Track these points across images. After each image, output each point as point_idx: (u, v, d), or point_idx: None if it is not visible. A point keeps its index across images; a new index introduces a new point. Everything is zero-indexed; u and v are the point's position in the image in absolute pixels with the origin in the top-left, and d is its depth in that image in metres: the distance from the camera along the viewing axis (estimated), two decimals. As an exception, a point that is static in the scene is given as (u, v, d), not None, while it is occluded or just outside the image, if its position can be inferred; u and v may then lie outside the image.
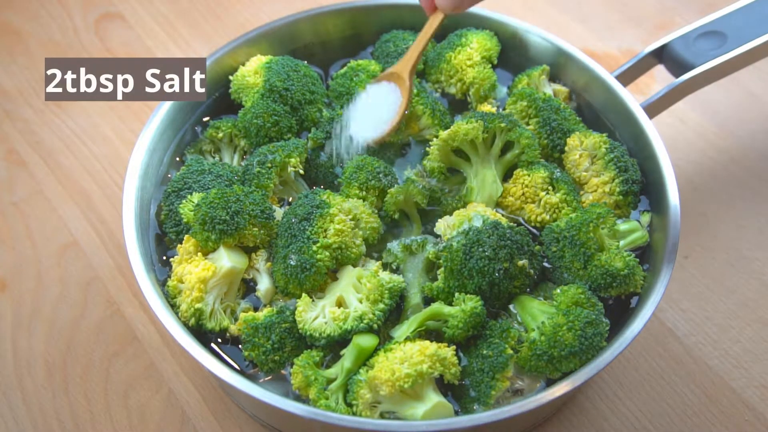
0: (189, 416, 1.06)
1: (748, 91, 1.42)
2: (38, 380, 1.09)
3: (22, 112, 1.39)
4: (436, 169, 1.07)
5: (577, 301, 0.92)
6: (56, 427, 1.05)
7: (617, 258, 0.95)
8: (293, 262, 0.94)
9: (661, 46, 1.17)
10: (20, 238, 1.23)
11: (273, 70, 1.11)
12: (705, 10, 1.54)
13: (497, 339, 0.91)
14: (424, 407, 0.86)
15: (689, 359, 1.11)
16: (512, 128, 1.04)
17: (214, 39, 1.51)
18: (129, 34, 1.52)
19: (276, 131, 1.10)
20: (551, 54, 1.19)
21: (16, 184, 1.30)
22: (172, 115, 1.12)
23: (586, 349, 0.89)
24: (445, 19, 1.02)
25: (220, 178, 1.05)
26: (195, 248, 0.98)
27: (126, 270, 1.19)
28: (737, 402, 1.07)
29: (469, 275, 0.93)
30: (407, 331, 0.91)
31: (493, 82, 1.16)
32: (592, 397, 1.07)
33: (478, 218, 0.97)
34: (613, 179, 1.03)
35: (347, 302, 0.93)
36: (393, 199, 1.02)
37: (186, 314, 0.94)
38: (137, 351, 1.12)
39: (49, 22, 1.53)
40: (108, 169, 1.32)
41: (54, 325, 1.14)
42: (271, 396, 0.86)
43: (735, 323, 1.14)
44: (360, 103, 1.08)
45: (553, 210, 1.02)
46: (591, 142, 1.05)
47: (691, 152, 1.34)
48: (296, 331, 0.93)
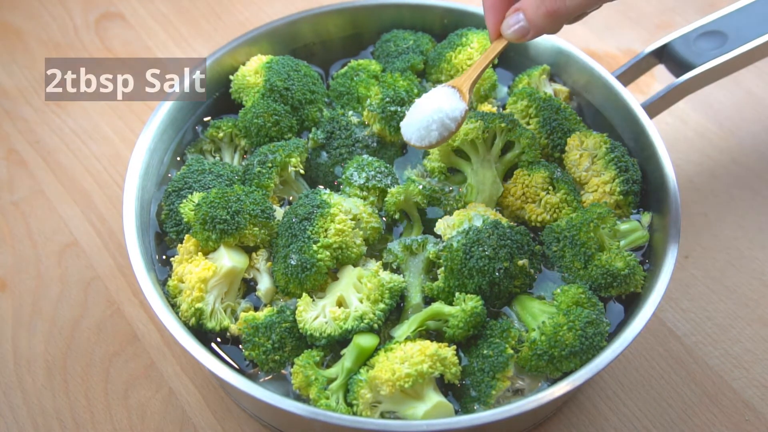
0: (189, 416, 1.06)
1: (749, 91, 1.42)
2: (38, 380, 1.09)
3: (22, 111, 1.39)
4: (436, 169, 1.07)
5: (577, 300, 0.92)
6: (56, 426, 1.05)
7: (618, 258, 0.95)
8: (294, 261, 0.94)
9: (661, 46, 1.17)
10: (20, 238, 1.23)
11: (273, 70, 1.11)
12: (705, 10, 1.54)
13: (498, 339, 0.91)
14: (424, 407, 0.86)
15: (689, 359, 1.11)
16: (513, 128, 1.04)
17: (215, 39, 1.51)
18: (129, 34, 1.52)
19: (276, 131, 1.10)
20: (552, 54, 1.19)
21: (16, 184, 1.30)
22: (173, 115, 1.11)
23: (586, 348, 0.89)
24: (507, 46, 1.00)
25: (220, 178, 1.05)
26: (195, 248, 0.98)
27: (126, 270, 1.19)
28: (738, 402, 1.07)
29: (470, 275, 0.93)
30: (408, 331, 0.91)
31: (494, 81, 1.16)
32: (592, 396, 1.07)
33: (478, 218, 0.97)
34: (613, 179, 1.03)
35: (348, 302, 0.93)
36: (393, 199, 1.02)
37: (186, 314, 0.94)
38: (137, 351, 1.12)
39: (49, 22, 1.53)
40: (108, 168, 1.32)
41: (54, 325, 1.14)
42: (271, 396, 0.86)
43: (735, 323, 1.14)
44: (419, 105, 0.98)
45: (554, 210, 1.02)
46: (591, 142, 1.05)
47: (691, 152, 1.34)
48: (297, 330, 0.93)
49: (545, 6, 0.89)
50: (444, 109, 0.95)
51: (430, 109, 0.96)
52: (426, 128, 0.96)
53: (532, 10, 0.90)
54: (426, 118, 0.95)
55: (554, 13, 0.89)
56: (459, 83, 0.98)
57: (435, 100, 0.96)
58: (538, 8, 0.89)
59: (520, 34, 0.92)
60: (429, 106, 0.96)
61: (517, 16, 0.92)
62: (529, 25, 0.91)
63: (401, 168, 1.11)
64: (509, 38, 0.94)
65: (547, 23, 0.90)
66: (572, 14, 0.90)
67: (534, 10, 0.90)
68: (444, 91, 0.98)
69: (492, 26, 0.97)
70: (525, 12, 0.91)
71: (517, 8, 0.92)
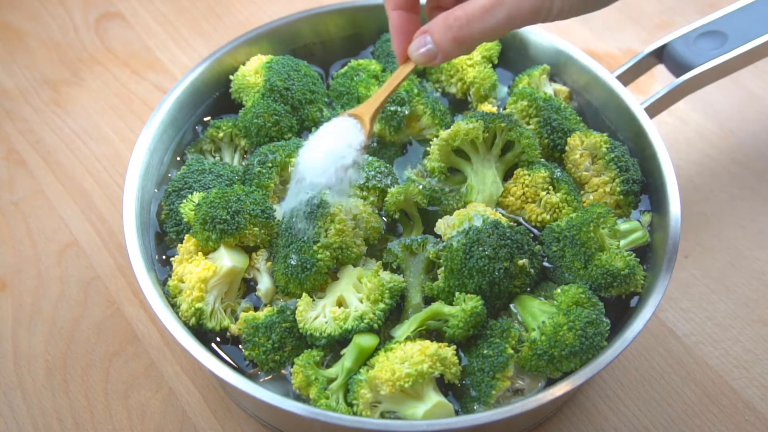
0: (189, 416, 1.06)
1: (749, 91, 1.42)
2: (38, 380, 1.09)
3: (22, 111, 1.39)
4: (436, 169, 1.07)
5: (577, 300, 0.92)
6: (56, 426, 1.05)
7: (618, 258, 0.95)
8: (294, 261, 0.94)
9: (661, 46, 1.17)
10: (20, 238, 1.23)
11: (273, 70, 1.11)
12: (705, 10, 1.54)
13: (498, 338, 0.91)
14: (424, 407, 0.86)
15: (689, 359, 1.11)
16: (513, 128, 1.04)
17: (215, 38, 1.51)
18: (129, 34, 1.52)
19: (276, 131, 1.10)
20: (552, 53, 1.19)
21: (17, 184, 1.30)
22: (173, 115, 1.11)
23: (586, 348, 0.89)
24: (414, 69, 0.96)
25: (220, 178, 1.05)
26: (195, 248, 0.98)
27: (126, 269, 1.19)
28: (738, 402, 1.07)
29: (470, 275, 0.93)
30: (408, 331, 0.91)
31: (494, 81, 1.16)
32: (592, 396, 1.07)
33: (478, 218, 0.97)
34: (613, 179, 1.03)
35: (348, 302, 0.93)
36: (393, 199, 1.02)
37: (186, 314, 0.94)
38: (137, 350, 1.12)
39: (49, 22, 1.53)
40: (108, 168, 1.32)
41: (54, 325, 1.14)
42: (271, 396, 0.86)
43: (735, 323, 1.14)
44: (316, 140, 0.95)
45: (554, 210, 1.02)
46: (591, 142, 1.05)
47: (691, 152, 1.34)
48: (297, 330, 0.93)
49: (452, 33, 0.85)
50: (340, 148, 0.92)
51: (327, 148, 0.92)
52: (322, 168, 0.92)
53: (440, 35, 0.87)
54: (323, 159, 0.92)
55: (461, 40, 0.85)
56: (361, 112, 0.95)
57: (334, 137, 0.93)
58: (445, 34, 0.86)
59: (428, 57, 0.88)
60: (327, 143, 0.93)
61: (425, 38, 0.88)
62: (436, 49, 0.88)
63: (401, 168, 1.11)
64: (417, 61, 0.90)
65: (454, 48, 0.87)
66: (481, 42, 0.86)
67: (441, 35, 0.86)
68: (344, 124, 0.94)
69: (398, 48, 0.94)
70: (432, 35, 0.88)
71: (425, 30, 0.89)
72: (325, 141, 0.94)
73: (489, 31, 0.84)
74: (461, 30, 0.85)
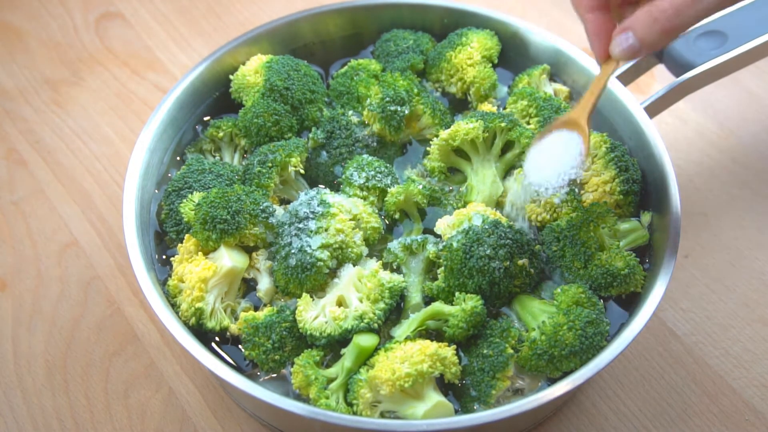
0: (189, 415, 1.06)
1: (749, 90, 1.42)
2: (38, 380, 1.09)
3: (22, 111, 1.39)
4: (436, 169, 1.07)
5: (577, 300, 0.92)
6: (56, 426, 1.05)
7: (618, 257, 0.95)
8: (294, 261, 0.94)
9: (661, 46, 1.17)
10: (20, 238, 1.23)
11: (273, 70, 1.11)
12: (705, 9, 1.53)
13: (498, 338, 0.91)
14: (424, 406, 0.86)
15: (689, 359, 1.11)
16: (513, 128, 1.04)
17: (215, 38, 1.51)
18: (129, 34, 1.52)
19: (276, 130, 1.10)
20: (552, 53, 1.19)
21: (17, 184, 1.30)
22: (173, 114, 1.11)
23: (586, 348, 0.89)
24: (618, 67, 0.98)
25: (220, 178, 1.05)
26: (195, 247, 0.98)
27: (126, 269, 1.19)
28: (738, 401, 1.07)
29: (470, 274, 0.93)
30: (407, 331, 0.91)
31: (494, 81, 1.16)
32: (592, 396, 1.07)
33: (478, 217, 0.97)
34: (613, 179, 1.03)
35: (347, 302, 0.93)
36: (393, 199, 1.02)
37: (186, 313, 0.94)
38: (137, 350, 1.12)
39: (49, 22, 1.53)
40: (108, 168, 1.32)
41: (54, 325, 1.14)
42: (271, 395, 0.86)
43: (735, 323, 1.14)
44: (538, 152, 0.98)
45: (554, 209, 1.02)
46: (591, 142, 1.05)
47: (691, 152, 1.34)
48: (296, 330, 0.93)
49: (659, 25, 0.87)
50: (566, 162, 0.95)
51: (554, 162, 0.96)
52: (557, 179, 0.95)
53: (646, 29, 0.88)
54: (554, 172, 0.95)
55: (669, 30, 0.87)
56: (576, 116, 0.96)
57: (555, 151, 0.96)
58: (652, 27, 0.88)
59: (631, 52, 0.91)
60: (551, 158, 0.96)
61: (626, 35, 0.90)
62: (639, 44, 0.89)
63: (401, 168, 1.11)
64: (620, 58, 0.92)
65: (662, 40, 0.89)
66: (686, 29, 0.89)
67: (647, 29, 0.88)
68: (562, 138, 0.96)
69: (599, 50, 0.95)
70: (635, 31, 0.89)
71: (626, 27, 0.90)
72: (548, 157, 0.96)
73: (701, 17, 0.86)
74: (670, 21, 0.86)
